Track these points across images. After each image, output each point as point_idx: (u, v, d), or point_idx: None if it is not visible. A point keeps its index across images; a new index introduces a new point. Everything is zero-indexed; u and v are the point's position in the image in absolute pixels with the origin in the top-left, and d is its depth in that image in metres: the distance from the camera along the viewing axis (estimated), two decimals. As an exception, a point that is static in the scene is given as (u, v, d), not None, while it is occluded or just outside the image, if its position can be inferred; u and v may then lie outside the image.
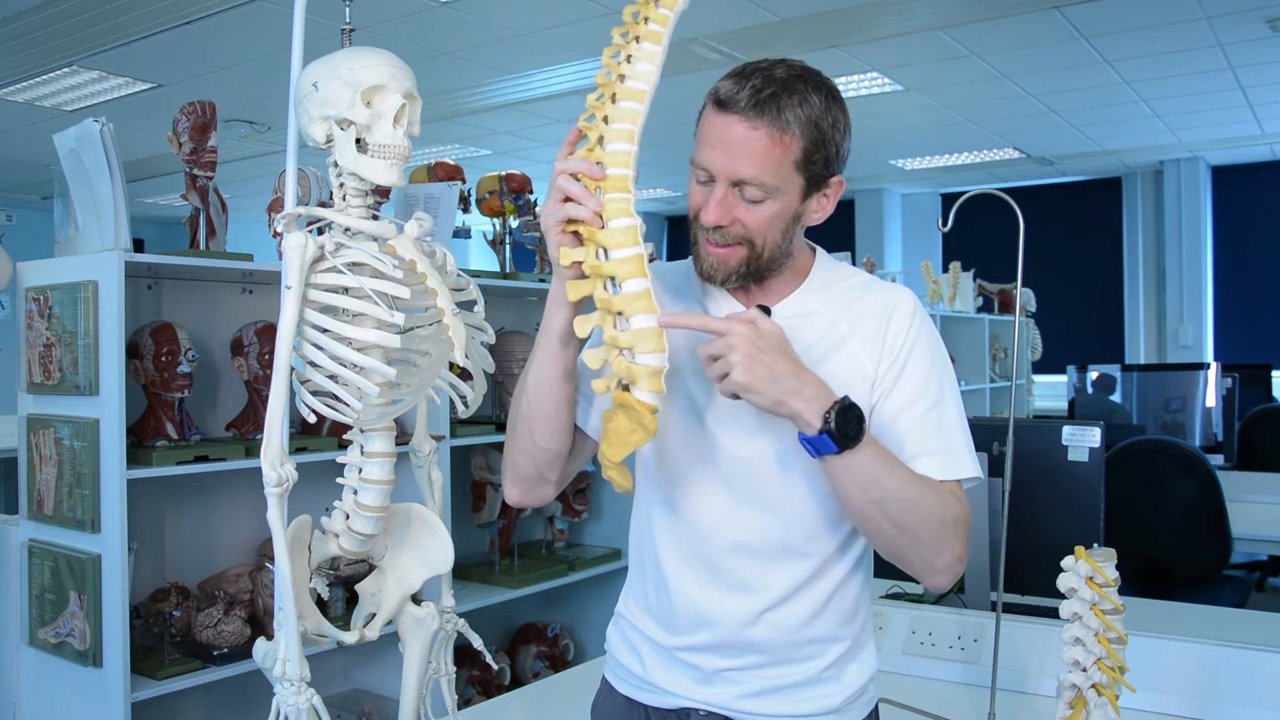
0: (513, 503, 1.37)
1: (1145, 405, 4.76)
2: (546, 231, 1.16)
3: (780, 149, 1.18)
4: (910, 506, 1.17)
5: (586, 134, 1.16)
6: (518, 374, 3.20)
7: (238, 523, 2.73)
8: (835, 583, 1.29)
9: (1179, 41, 5.27)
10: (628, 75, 1.14)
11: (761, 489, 1.27)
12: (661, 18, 1.13)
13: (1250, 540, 3.74)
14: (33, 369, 2.38)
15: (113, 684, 2.17)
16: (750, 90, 1.18)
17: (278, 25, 4.68)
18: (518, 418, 1.30)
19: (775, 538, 1.27)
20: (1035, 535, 2.10)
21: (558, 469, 1.32)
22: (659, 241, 10.69)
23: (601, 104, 1.15)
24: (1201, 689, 1.82)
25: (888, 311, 1.28)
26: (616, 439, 1.08)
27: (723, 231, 1.22)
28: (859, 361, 1.26)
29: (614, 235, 1.11)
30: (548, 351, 1.23)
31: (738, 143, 1.18)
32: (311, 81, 1.22)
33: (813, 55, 5.36)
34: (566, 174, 1.14)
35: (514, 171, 3.47)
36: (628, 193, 1.13)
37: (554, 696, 1.99)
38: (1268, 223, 8.38)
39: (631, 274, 1.10)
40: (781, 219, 1.22)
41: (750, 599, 1.27)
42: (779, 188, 1.20)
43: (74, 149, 2.30)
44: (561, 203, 1.14)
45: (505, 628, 3.51)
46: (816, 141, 1.20)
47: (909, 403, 1.25)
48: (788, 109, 1.18)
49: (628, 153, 1.13)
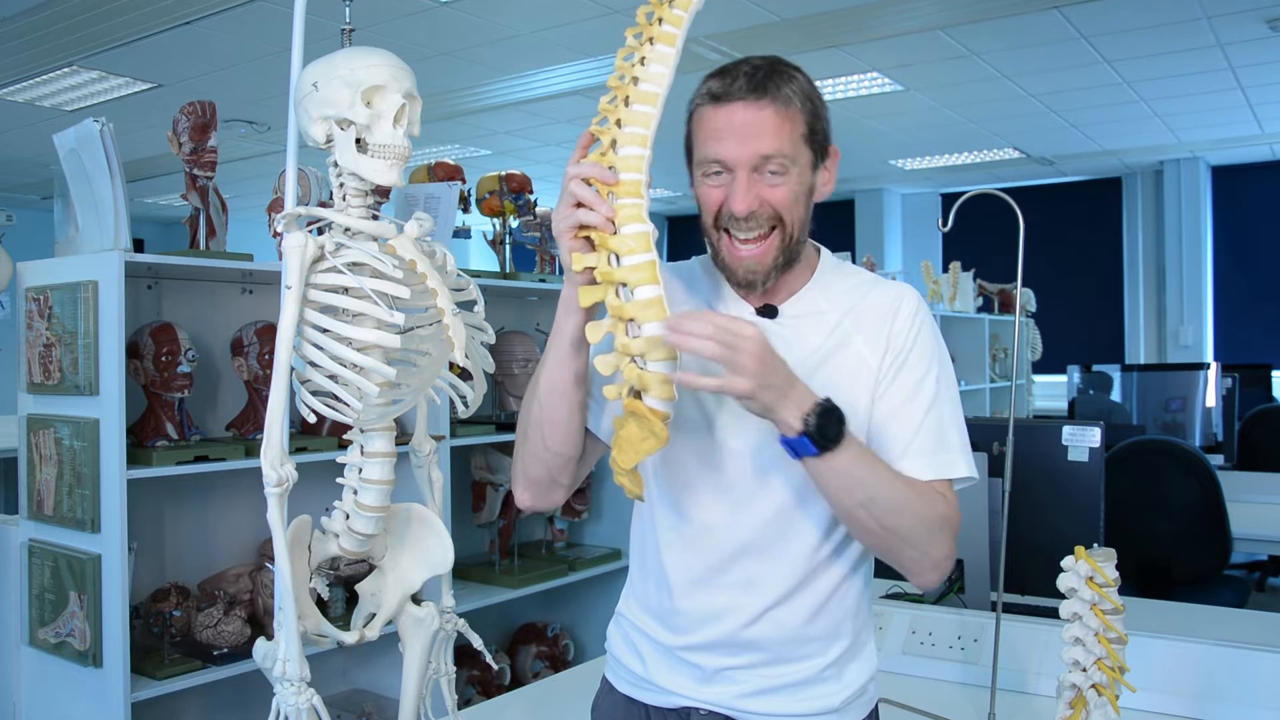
0: (524, 507, 1.37)
1: (1145, 405, 4.76)
2: (558, 236, 1.15)
3: (789, 122, 1.21)
4: (895, 507, 1.17)
5: (599, 137, 1.15)
6: (518, 374, 3.24)
7: (238, 523, 2.73)
8: (836, 581, 1.29)
9: (1179, 41, 5.27)
10: (640, 78, 1.12)
11: (764, 488, 1.27)
12: (675, 18, 1.12)
13: (1250, 540, 3.74)
14: (33, 369, 2.38)
15: (113, 684, 2.17)
16: (744, 77, 1.21)
17: (278, 25, 4.68)
18: (529, 422, 1.29)
19: (777, 537, 1.27)
20: (1035, 535, 2.10)
21: (569, 473, 1.32)
22: (659, 241, 10.69)
23: (614, 107, 1.13)
24: (1201, 689, 1.82)
25: (892, 309, 1.29)
26: (628, 446, 1.08)
27: (755, 218, 1.22)
28: (863, 358, 1.27)
29: (626, 241, 1.10)
30: (559, 356, 1.23)
31: (748, 124, 1.20)
32: (311, 81, 1.22)
33: (813, 55, 5.41)
34: (578, 179, 1.13)
35: (514, 171, 3.47)
36: (640, 198, 1.12)
37: (554, 696, 1.99)
38: (1268, 223, 8.38)
39: (644, 280, 1.09)
40: (803, 194, 1.25)
41: (752, 598, 1.27)
42: (796, 158, 1.22)
43: (74, 149, 2.30)
44: (573, 208, 1.13)
45: (505, 628, 3.51)
46: (814, 114, 1.24)
47: (906, 400, 1.25)
48: (784, 85, 1.21)
49: (640, 157, 1.12)
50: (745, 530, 1.27)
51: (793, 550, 1.27)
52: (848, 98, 6.23)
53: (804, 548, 1.27)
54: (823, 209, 1.33)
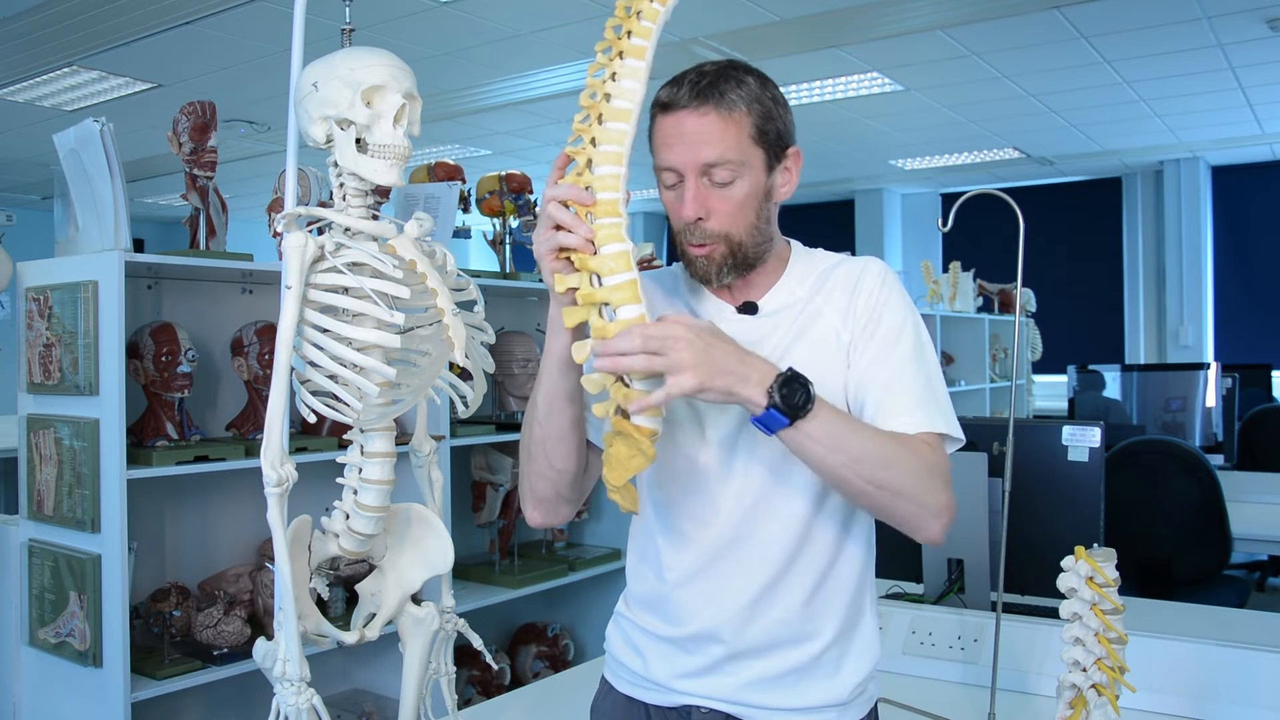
0: (535, 525, 1.39)
1: (1145, 405, 4.75)
2: (539, 259, 1.16)
3: (734, 126, 1.23)
4: (883, 461, 1.17)
5: (574, 158, 1.15)
6: (518, 374, 3.24)
7: (238, 523, 2.73)
8: (827, 561, 1.30)
9: (1179, 41, 5.27)
10: (613, 94, 1.12)
11: (742, 473, 1.29)
12: (645, 30, 1.11)
13: (1250, 540, 3.73)
14: (33, 369, 2.38)
15: (113, 684, 2.17)
16: (689, 85, 1.23)
17: (278, 25, 4.68)
18: (531, 443, 1.30)
19: (762, 519, 1.28)
20: (1035, 535, 2.10)
21: (576, 488, 1.34)
22: (659, 241, 10.68)
23: (588, 126, 1.13)
24: (1201, 689, 1.82)
25: (858, 278, 1.32)
26: (617, 464, 1.08)
27: (701, 226, 1.25)
28: (834, 329, 1.29)
29: (606, 261, 1.10)
30: (551, 376, 1.24)
31: (692, 132, 1.22)
32: (311, 81, 1.22)
33: (813, 55, 5.41)
34: (556, 201, 1.13)
35: (514, 171, 3.47)
36: (619, 216, 1.12)
37: (554, 696, 1.99)
38: (1268, 223, 8.38)
39: (625, 300, 1.09)
40: (754, 198, 1.26)
41: (746, 581, 1.29)
42: (744, 162, 1.24)
43: (74, 149, 2.30)
44: (552, 230, 1.13)
45: (505, 628, 3.51)
46: (764, 115, 1.25)
47: (882, 359, 1.27)
48: (728, 91, 1.23)
49: (616, 175, 1.12)
50: (731, 515, 1.29)
51: (778, 531, 1.28)
52: (848, 98, 6.22)
53: (789, 528, 1.28)
54: (822, 209, 1.33)
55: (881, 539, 1.39)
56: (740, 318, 1.32)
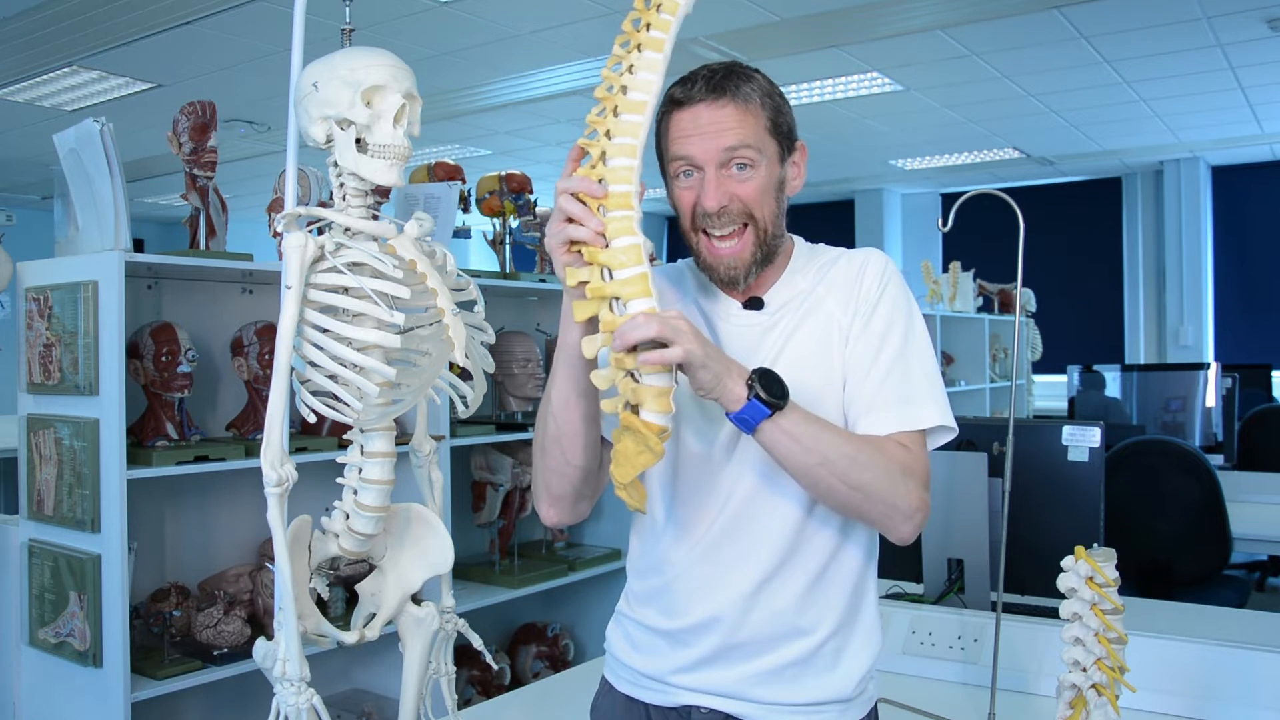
0: (550, 524, 1.39)
1: (1145, 405, 4.75)
2: (551, 253, 1.16)
3: (750, 116, 1.26)
4: (855, 461, 1.19)
5: (588, 151, 1.15)
6: (518, 374, 3.24)
7: (238, 523, 2.73)
8: (826, 555, 1.31)
9: (1179, 41, 5.27)
10: (629, 86, 1.11)
11: (738, 467, 1.29)
12: (664, 23, 1.11)
13: (1250, 540, 3.73)
14: (33, 369, 2.38)
15: (113, 684, 2.17)
16: (702, 81, 1.26)
17: (278, 25, 4.68)
18: (546, 439, 1.31)
19: (759, 511, 1.29)
20: (1035, 535, 2.10)
21: (592, 484, 1.34)
22: (659, 241, 10.68)
23: (603, 119, 1.13)
24: (1201, 689, 1.82)
25: (859, 268, 1.34)
26: (624, 460, 1.07)
27: (726, 213, 1.26)
28: (834, 317, 1.31)
29: (617, 255, 1.10)
30: (565, 370, 1.24)
31: (711, 122, 1.25)
32: (311, 81, 1.22)
33: (813, 55, 5.41)
34: (568, 194, 1.13)
35: (514, 171, 3.47)
36: (631, 209, 1.11)
37: (554, 696, 1.99)
38: (1268, 223, 8.38)
39: (636, 294, 1.09)
40: (771, 186, 1.29)
41: (744, 573, 1.29)
42: (762, 149, 1.27)
43: (74, 149, 2.30)
44: (564, 223, 1.13)
45: (505, 628, 3.51)
46: (775, 109, 1.29)
47: (870, 354, 1.28)
48: (742, 85, 1.26)
49: (630, 168, 1.11)
50: (733, 506, 1.30)
51: (778, 521, 1.29)
52: (848, 98, 6.22)
53: (787, 520, 1.29)
54: (823, 209, 1.34)
55: (882, 539, 1.39)
56: (746, 313, 1.34)
